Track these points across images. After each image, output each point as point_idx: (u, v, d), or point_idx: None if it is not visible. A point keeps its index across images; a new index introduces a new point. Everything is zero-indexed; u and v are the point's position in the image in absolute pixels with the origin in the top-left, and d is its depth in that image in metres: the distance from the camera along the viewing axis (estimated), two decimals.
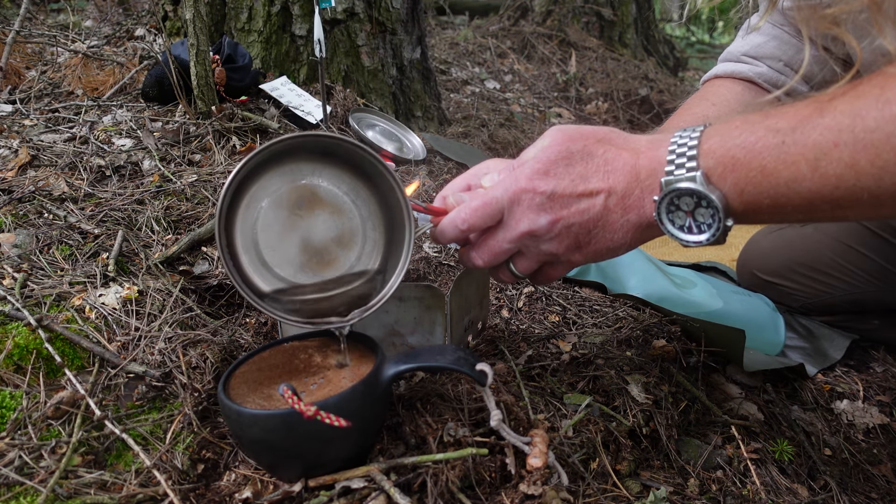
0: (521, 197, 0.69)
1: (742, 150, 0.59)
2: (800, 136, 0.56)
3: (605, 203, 0.67)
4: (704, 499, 0.88)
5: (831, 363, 1.25)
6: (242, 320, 1.13)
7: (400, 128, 1.72)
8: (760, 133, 0.59)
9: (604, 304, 1.21)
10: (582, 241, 0.70)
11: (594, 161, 0.67)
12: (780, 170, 0.58)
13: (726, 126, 0.61)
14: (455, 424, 0.76)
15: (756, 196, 0.60)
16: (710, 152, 0.61)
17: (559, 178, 0.67)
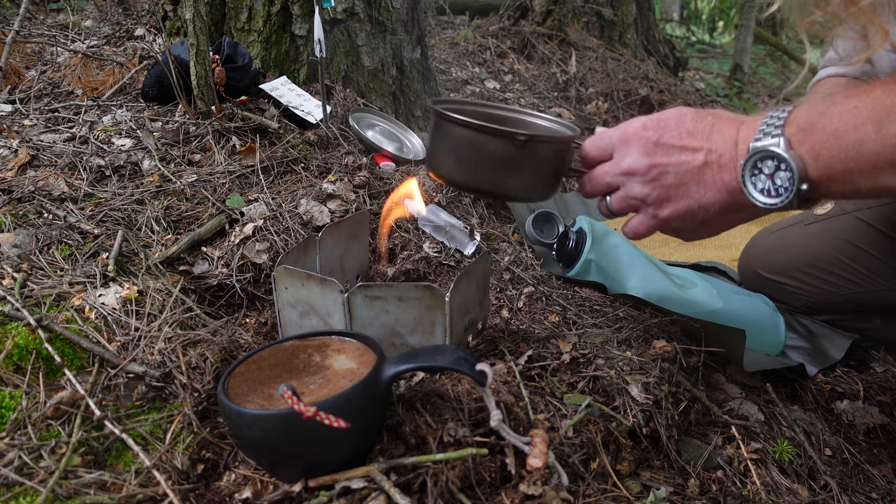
0: (630, 138, 0.78)
1: (820, 116, 0.66)
2: (869, 100, 0.63)
3: (704, 160, 0.74)
4: (704, 499, 0.88)
5: (831, 363, 1.25)
6: (242, 320, 1.13)
7: (400, 128, 1.71)
8: (838, 100, 0.65)
9: (604, 304, 1.20)
10: (672, 194, 0.76)
11: (702, 124, 0.75)
12: (849, 132, 0.63)
13: (816, 101, 0.68)
14: (455, 424, 0.76)
15: (829, 160, 0.65)
16: (794, 120, 0.68)
17: (668, 131, 0.76)
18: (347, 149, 1.54)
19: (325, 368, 0.75)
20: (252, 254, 1.19)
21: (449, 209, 1.46)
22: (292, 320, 0.98)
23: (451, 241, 1.36)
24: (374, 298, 0.90)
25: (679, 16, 7.92)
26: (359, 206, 1.39)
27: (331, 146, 1.56)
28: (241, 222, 1.25)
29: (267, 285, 1.19)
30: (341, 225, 1.12)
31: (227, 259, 1.18)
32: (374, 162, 1.56)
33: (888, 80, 0.64)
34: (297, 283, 0.94)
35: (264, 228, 1.23)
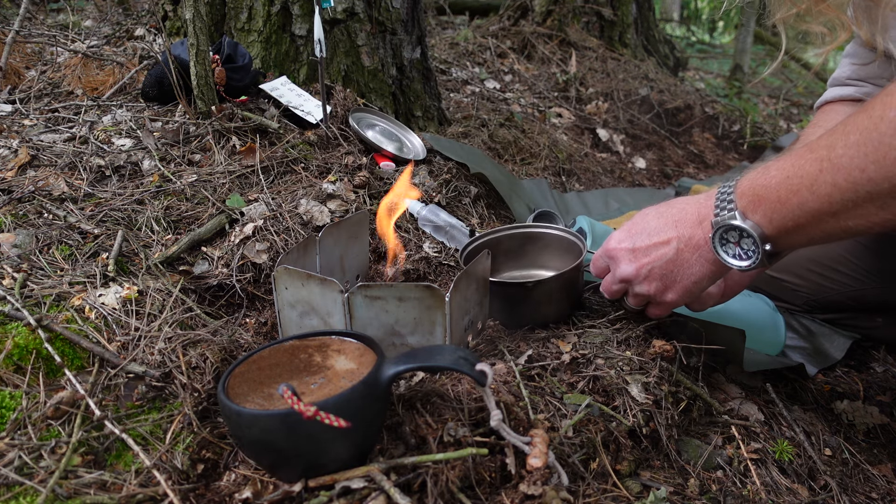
0: (613, 254, 0.94)
1: (763, 189, 0.77)
2: (798, 169, 0.73)
3: (677, 247, 0.87)
4: (704, 499, 0.88)
5: (831, 363, 1.25)
6: (242, 320, 1.13)
7: (400, 128, 1.71)
8: (773, 173, 0.76)
9: (604, 304, 1.20)
10: (668, 282, 0.90)
11: (663, 219, 0.88)
12: (790, 198, 0.74)
13: (754, 172, 0.79)
14: (455, 424, 0.76)
15: (781, 221, 0.76)
16: (742, 195, 0.79)
17: (638, 236, 0.90)
18: (347, 149, 1.54)
19: (325, 368, 0.76)
20: (252, 254, 1.19)
21: (449, 209, 1.46)
22: (292, 320, 0.98)
23: (451, 241, 1.36)
24: (374, 298, 0.90)
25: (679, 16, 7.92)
26: (359, 206, 1.39)
27: (331, 146, 1.56)
28: (241, 222, 1.25)
29: (267, 285, 1.19)
30: (341, 225, 1.12)
31: (227, 259, 1.18)
32: (374, 162, 1.56)
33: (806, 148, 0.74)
34: (297, 283, 0.94)
35: (264, 228, 1.23)
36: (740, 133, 2.83)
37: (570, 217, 1.83)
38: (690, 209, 0.86)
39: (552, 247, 1.27)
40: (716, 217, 0.81)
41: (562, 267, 1.27)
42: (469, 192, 1.56)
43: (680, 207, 0.88)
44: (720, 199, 0.82)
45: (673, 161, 2.63)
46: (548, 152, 2.17)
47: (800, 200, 0.73)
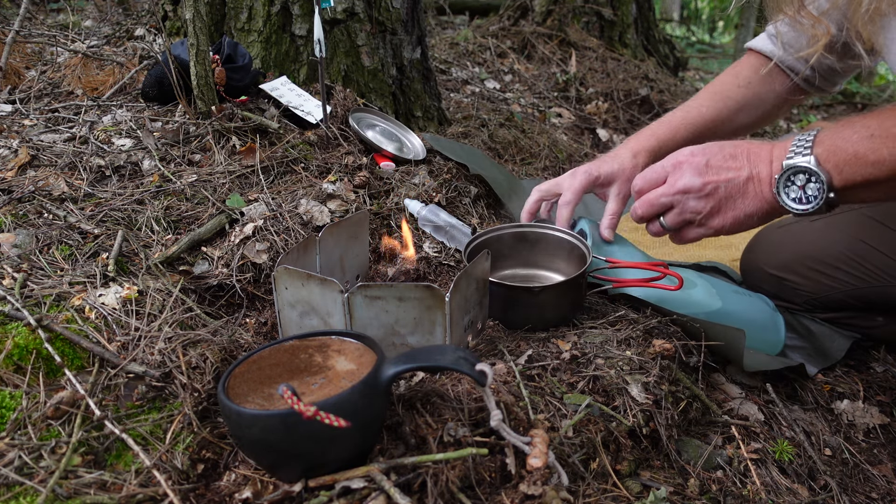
0: (682, 162, 0.95)
1: (843, 141, 0.82)
2: (882, 130, 0.79)
3: (747, 175, 0.91)
4: (704, 499, 0.88)
5: (831, 363, 1.25)
6: (242, 320, 1.13)
7: (400, 128, 1.71)
8: (857, 128, 0.82)
9: (604, 304, 1.20)
10: (722, 206, 0.94)
11: (740, 148, 0.93)
12: (867, 154, 0.80)
13: (836, 125, 0.85)
14: (455, 424, 0.76)
15: (851, 175, 0.82)
16: (820, 142, 0.84)
17: (714, 155, 0.93)
18: (347, 149, 1.54)
19: (326, 369, 0.76)
20: (252, 254, 1.19)
21: (449, 209, 1.46)
22: (292, 320, 0.98)
23: (451, 241, 1.36)
24: (374, 298, 0.91)
25: (679, 16, 7.92)
26: (359, 206, 1.39)
27: (331, 146, 1.56)
28: (241, 222, 1.25)
29: (267, 285, 1.19)
30: (341, 225, 1.12)
31: (227, 259, 1.18)
32: (374, 162, 1.56)
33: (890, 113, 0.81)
34: (297, 283, 0.94)
35: (264, 228, 1.24)
36: None
37: None
38: (765, 148, 0.92)
39: (555, 248, 1.27)
40: (788, 159, 0.86)
41: (564, 268, 1.27)
42: (469, 192, 1.56)
43: (756, 145, 0.94)
44: (797, 144, 0.87)
45: None
46: (548, 152, 2.17)
47: (878, 158, 0.79)
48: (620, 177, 1.23)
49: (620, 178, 1.23)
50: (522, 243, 1.28)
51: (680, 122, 1.27)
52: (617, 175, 1.23)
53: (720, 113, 1.27)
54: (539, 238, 1.28)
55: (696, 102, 1.29)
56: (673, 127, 1.27)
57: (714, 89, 1.30)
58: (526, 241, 1.28)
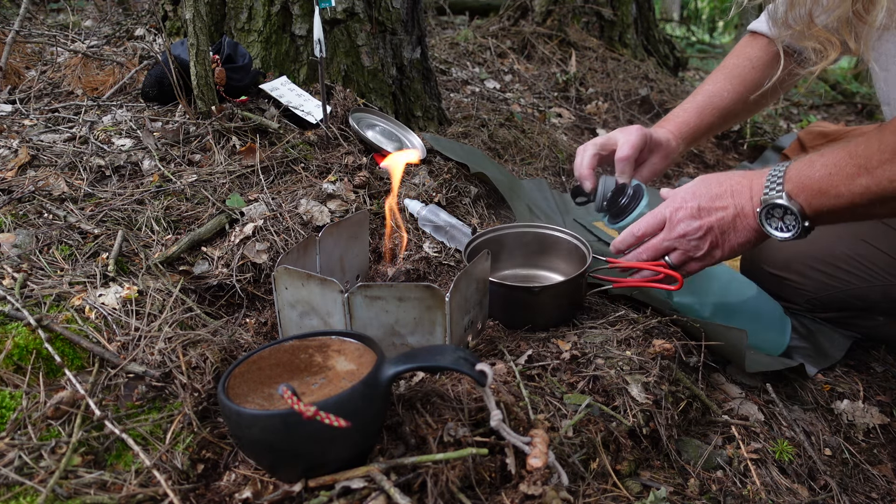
0: (678, 209, 1.05)
1: (808, 179, 0.95)
2: (839, 170, 0.92)
3: (734, 213, 1.02)
4: (704, 499, 0.88)
5: (831, 363, 1.25)
6: (242, 320, 1.13)
7: (400, 128, 1.71)
8: (818, 167, 0.95)
9: (604, 304, 1.21)
10: (719, 241, 1.04)
11: (724, 186, 1.03)
12: (829, 189, 0.93)
13: (801, 163, 0.97)
14: (455, 424, 0.76)
15: (819, 206, 0.95)
16: (789, 179, 0.97)
17: (703, 198, 1.04)
18: (347, 149, 1.54)
19: (326, 369, 0.76)
20: (252, 254, 1.19)
21: (449, 209, 1.46)
22: (292, 320, 0.98)
23: (451, 241, 1.36)
24: (374, 298, 0.91)
25: (679, 16, 7.92)
26: (359, 206, 1.39)
27: (331, 146, 1.56)
28: (241, 222, 1.25)
29: (267, 285, 1.19)
30: (341, 225, 1.12)
31: (227, 259, 1.18)
32: (374, 162, 1.56)
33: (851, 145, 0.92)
34: (297, 283, 0.94)
35: (264, 228, 1.23)
36: (740, 133, 2.82)
37: (569, 217, 1.83)
38: (744, 183, 1.02)
39: (555, 248, 1.27)
40: (765, 195, 0.98)
41: (564, 268, 1.27)
42: (469, 192, 1.56)
43: (736, 180, 1.03)
44: (771, 181, 0.98)
45: None
46: (548, 152, 2.17)
47: (837, 193, 0.92)
48: (664, 150, 1.28)
49: (663, 151, 1.28)
50: (522, 243, 1.28)
51: (706, 106, 1.33)
52: (663, 146, 1.27)
53: (740, 95, 1.33)
54: (539, 238, 1.28)
55: (717, 87, 1.34)
56: (702, 113, 1.33)
57: (731, 73, 1.35)
58: (526, 241, 1.28)
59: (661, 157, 1.28)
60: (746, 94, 1.33)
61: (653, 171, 1.29)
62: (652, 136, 1.25)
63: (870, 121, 3.45)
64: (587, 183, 1.25)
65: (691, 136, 1.33)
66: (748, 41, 1.37)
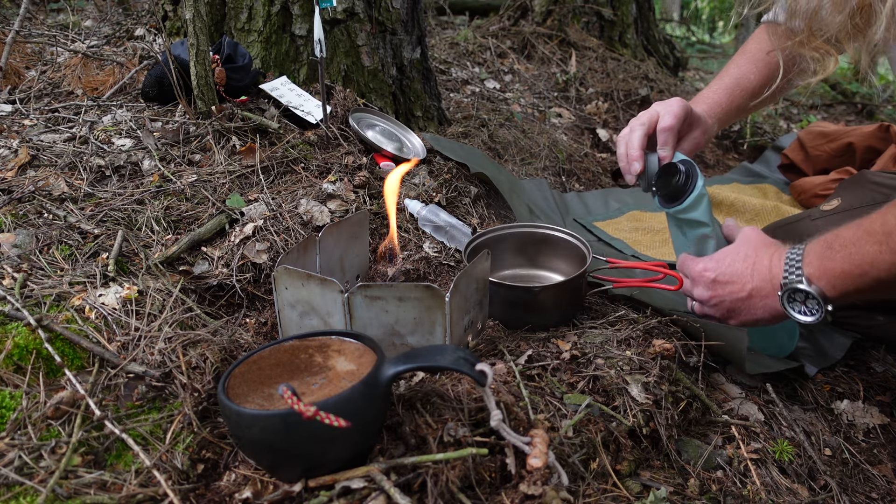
0: (696, 277, 1.07)
1: (830, 261, 0.94)
2: (860, 248, 0.91)
3: (749, 292, 1.01)
4: (704, 499, 0.88)
5: (832, 363, 1.25)
6: (242, 320, 1.13)
7: (400, 128, 1.71)
8: (837, 250, 0.93)
9: (604, 304, 1.21)
10: (733, 313, 1.04)
11: (745, 264, 1.02)
12: (853, 272, 0.92)
13: (819, 245, 0.96)
14: (455, 424, 0.76)
15: (842, 288, 0.93)
16: (809, 263, 0.95)
17: (721, 272, 1.04)
18: (347, 149, 1.54)
19: (326, 369, 0.76)
20: (252, 254, 1.19)
21: (449, 209, 1.46)
22: (292, 320, 0.98)
23: (451, 241, 1.36)
24: (374, 298, 0.91)
25: (679, 16, 7.92)
26: (359, 206, 1.39)
27: (331, 146, 1.56)
28: (241, 222, 1.25)
29: (267, 285, 1.19)
30: (341, 225, 1.12)
31: (227, 259, 1.18)
32: (374, 162, 1.56)
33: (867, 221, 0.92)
34: (297, 283, 0.94)
35: (264, 228, 1.23)
36: (740, 133, 2.82)
37: (569, 217, 1.83)
38: (764, 263, 1.01)
39: (555, 248, 1.27)
40: (785, 279, 0.97)
41: (564, 268, 1.27)
42: (469, 192, 1.56)
43: (758, 258, 1.02)
44: (789, 264, 0.98)
45: None
46: (548, 152, 2.17)
47: (861, 272, 0.92)
48: (703, 125, 1.25)
49: (702, 126, 1.25)
50: (523, 243, 1.28)
51: (735, 88, 1.32)
52: (701, 121, 1.25)
53: (765, 78, 1.31)
54: (539, 238, 1.28)
55: (742, 70, 1.33)
56: (732, 94, 1.31)
57: (755, 56, 1.34)
58: (526, 241, 1.28)
59: (701, 132, 1.25)
60: (770, 77, 1.29)
61: (694, 145, 1.25)
62: (693, 109, 1.22)
63: (870, 121, 3.45)
64: (637, 165, 1.17)
65: (724, 116, 1.31)
66: (763, 30, 1.37)
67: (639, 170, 1.17)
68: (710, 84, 1.35)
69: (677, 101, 1.19)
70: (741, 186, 2.25)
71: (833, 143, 2.17)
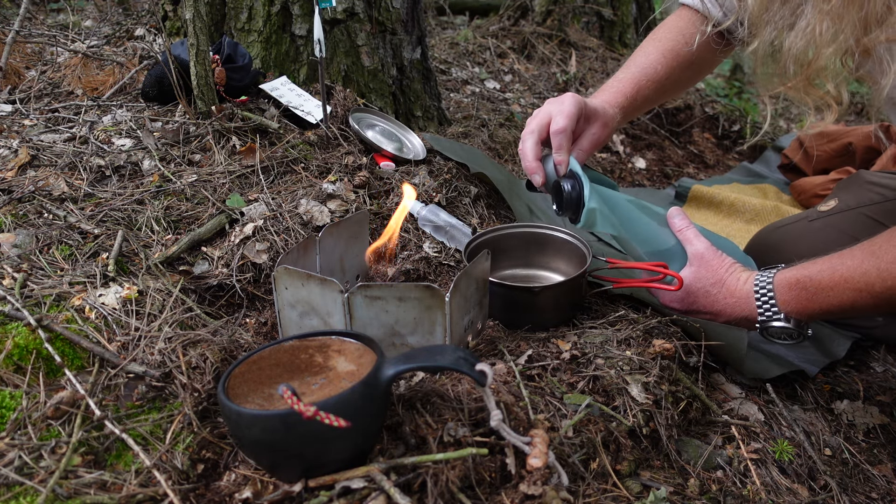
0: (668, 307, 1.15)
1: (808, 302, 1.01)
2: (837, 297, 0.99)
3: (722, 320, 1.10)
4: (704, 499, 0.88)
5: (834, 360, 1.25)
6: (242, 320, 1.13)
7: (400, 128, 1.71)
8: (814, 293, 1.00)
9: (604, 304, 1.21)
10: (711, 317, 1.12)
11: (711, 298, 1.09)
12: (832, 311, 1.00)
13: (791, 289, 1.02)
14: (455, 424, 0.76)
15: (814, 316, 1.03)
16: (786, 304, 1.03)
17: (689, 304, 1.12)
18: (347, 149, 1.54)
19: (326, 369, 0.76)
20: (252, 254, 1.19)
21: (449, 209, 1.46)
22: (292, 320, 0.98)
23: (451, 241, 1.36)
24: (374, 298, 0.91)
25: None
26: (359, 206, 1.39)
27: (331, 146, 1.56)
28: (241, 222, 1.25)
29: (267, 285, 1.19)
30: (341, 225, 1.12)
31: (227, 259, 1.18)
32: (374, 162, 1.56)
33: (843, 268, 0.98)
34: (297, 283, 0.94)
35: (264, 228, 1.23)
36: (740, 133, 2.82)
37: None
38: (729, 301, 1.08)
39: (556, 249, 1.27)
40: (762, 317, 1.05)
41: (564, 268, 1.27)
42: (469, 192, 1.56)
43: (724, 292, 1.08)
44: (763, 302, 1.04)
45: (673, 161, 2.63)
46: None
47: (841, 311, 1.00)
48: (601, 118, 1.20)
49: (601, 120, 1.20)
50: (523, 243, 1.28)
51: (642, 78, 1.28)
52: (600, 114, 1.20)
53: (673, 71, 1.29)
54: (539, 238, 1.28)
55: (650, 59, 1.30)
56: (638, 84, 1.28)
57: (665, 46, 1.31)
58: (526, 241, 1.28)
59: (601, 126, 1.20)
60: (679, 70, 1.29)
61: (594, 141, 1.20)
62: (587, 104, 1.17)
63: (870, 121, 3.44)
64: (537, 178, 1.15)
65: (629, 107, 1.26)
66: (683, 15, 1.34)
67: (540, 181, 1.15)
68: (617, 72, 1.32)
69: (570, 97, 1.15)
70: (741, 186, 2.25)
71: (833, 143, 2.17)
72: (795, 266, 1.04)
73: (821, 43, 0.86)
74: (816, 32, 0.86)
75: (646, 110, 1.83)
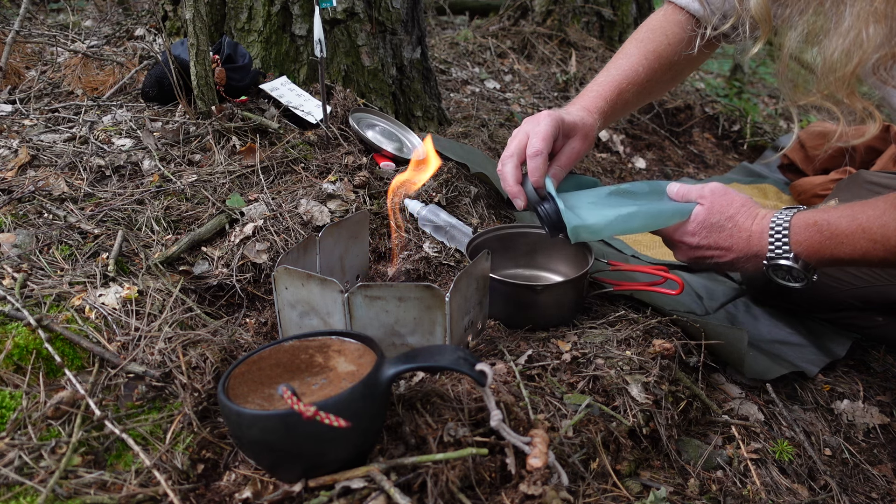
0: (677, 243, 1.11)
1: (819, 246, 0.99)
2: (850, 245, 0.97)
3: (731, 260, 1.06)
4: (704, 499, 0.88)
5: (834, 360, 1.25)
6: (242, 320, 1.13)
7: (400, 128, 1.71)
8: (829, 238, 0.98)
9: (604, 305, 1.21)
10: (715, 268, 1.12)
11: (724, 232, 1.05)
12: (842, 258, 0.98)
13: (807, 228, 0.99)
14: (455, 424, 0.76)
15: (826, 265, 1.02)
16: (798, 244, 1.00)
17: (698, 242, 1.07)
18: (347, 149, 1.54)
19: (326, 369, 0.76)
20: (252, 254, 1.19)
21: (449, 209, 1.46)
22: (292, 320, 0.98)
23: (451, 241, 1.36)
24: (374, 298, 0.90)
25: None
26: (359, 206, 1.39)
27: (331, 146, 1.56)
28: (241, 222, 1.25)
29: (267, 285, 1.19)
30: (341, 225, 1.12)
31: (227, 259, 1.18)
32: (374, 162, 1.56)
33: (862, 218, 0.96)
34: (297, 283, 0.94)
35: (264, 228, 1.23)
36: (740, 133, 2.82)
37: None
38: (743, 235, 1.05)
39: (556, 249, 1.27)
40: (771, 253, 1.02)
41: (565, 269, 1.27)
42: (469, 192, 1.56)
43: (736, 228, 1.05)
44: (775, 237, 1.01)
45: (673, 161, 2.63)
46: None
47: (850, 260, 0.98)
48: (581, 130, 1.16)
49: (580, 132, 1.16)
50: (524, 244, 1.28)
51: (623, 81, 1.25)
52: (578, 128, 1.16)
53: (655, 73, 1.26)
54: (540, 238, 1.28)
55: (631, 62, 1.26)
56: (619, 88, 1.24)
57: (647, 48, 1.27)
58: (527, 241, 1.28)
59: (580, 140, 1.16)
60: (661, 71, 1.26)
61: (573, 155, 1.17)
62: (564, 120, 1.13)
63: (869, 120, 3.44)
64: (518, 202, 1.13)
65: (610, 111, 1.23)
66: (668, 14, 1.29)
67: (522, 205, 1.13)
68: (598, 75, 1.27)
69: (546, 117, 1.11)
70: (741, 186, 2.25)
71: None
72: (815, 209, 1.02)
73: (867, 48, 0.82)
74: (863, 36, 0.81)
75: (628, 113, 1.80)
